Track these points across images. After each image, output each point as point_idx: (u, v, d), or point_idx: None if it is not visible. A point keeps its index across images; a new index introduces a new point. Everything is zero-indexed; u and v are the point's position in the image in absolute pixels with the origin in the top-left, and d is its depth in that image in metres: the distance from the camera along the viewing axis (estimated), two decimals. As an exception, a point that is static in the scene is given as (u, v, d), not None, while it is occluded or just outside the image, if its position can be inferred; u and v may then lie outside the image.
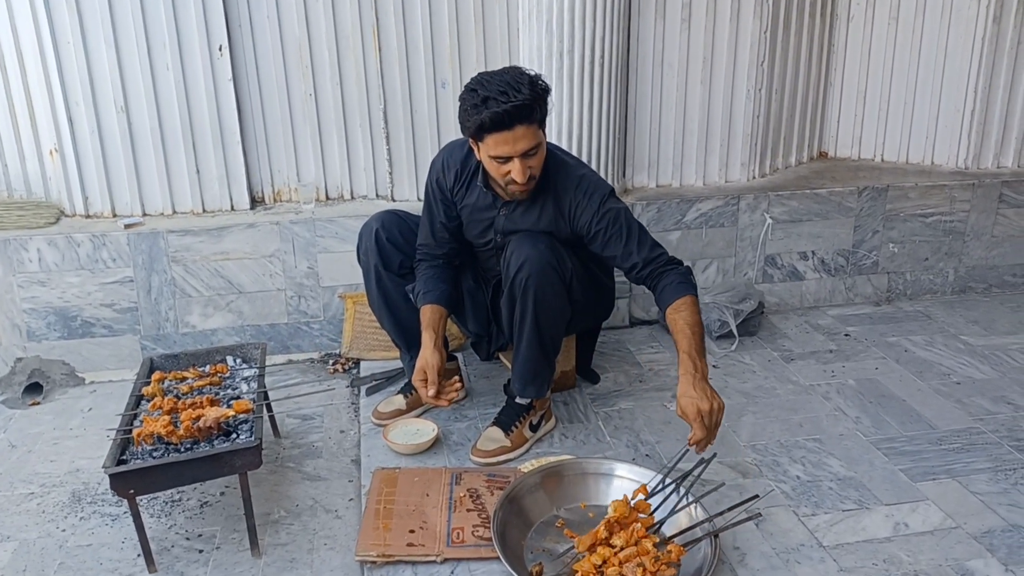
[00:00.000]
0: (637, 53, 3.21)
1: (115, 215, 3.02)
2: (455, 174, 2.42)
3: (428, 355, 2.28)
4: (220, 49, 2.93)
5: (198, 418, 2.05)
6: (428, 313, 2.36)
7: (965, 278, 3.56)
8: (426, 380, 2.26)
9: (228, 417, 2.07)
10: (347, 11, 3.00)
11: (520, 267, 2.24)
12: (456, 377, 2.37)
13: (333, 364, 3.06)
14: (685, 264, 2.31)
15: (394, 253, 2.50)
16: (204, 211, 3.08)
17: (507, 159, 2.14)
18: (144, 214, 3.04)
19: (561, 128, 3.03)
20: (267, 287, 3.03)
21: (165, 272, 2.94)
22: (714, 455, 2.15)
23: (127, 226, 2.92)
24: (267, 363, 3.00)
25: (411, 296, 2.48)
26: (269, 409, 2.54)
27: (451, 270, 2.51)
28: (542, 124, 2.15)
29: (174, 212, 3.06)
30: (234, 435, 2.05)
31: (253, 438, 1.98)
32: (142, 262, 2.92)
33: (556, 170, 2.33)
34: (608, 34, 2.97)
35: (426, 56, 3.05)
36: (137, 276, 2.93)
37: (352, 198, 3.24)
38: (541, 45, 2.97)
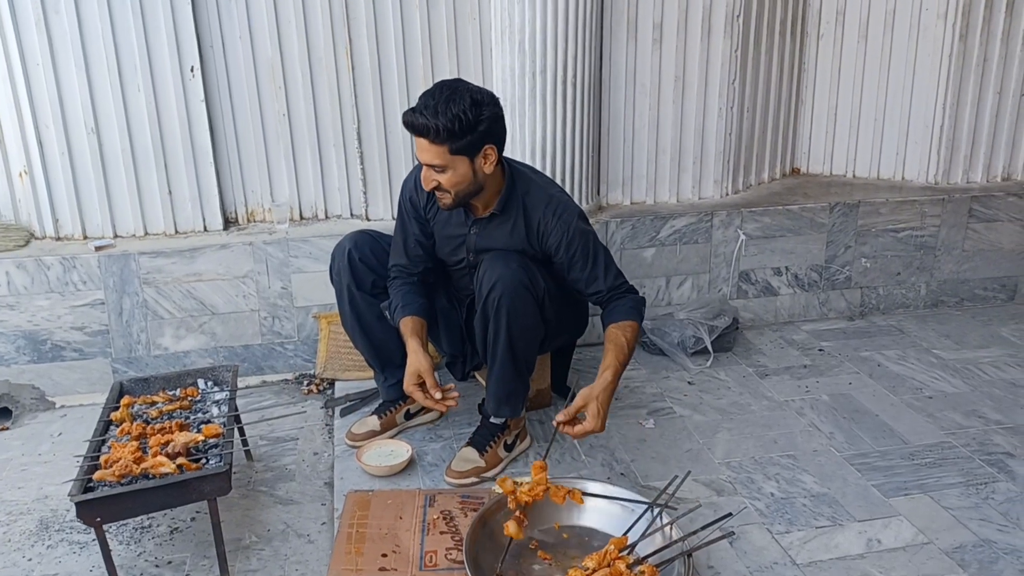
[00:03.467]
0: (610, 73, 3.23)
1: (86, 237, 2.99)
2: (428, 192, 2.42)
3: (419, 359, 2.27)
4: (192, 70, 2.92)
5: (167, 443, 2.02)
6: (410, 323, 2.35)
7: (937, 292, 3.60)
8: (422, 384, 2.24)
9: (197, 442, 2.04)
10: (319, 31, 3.00)
11: (492, 286, 2.24)
12: (451, 384, 2.33)
13: (308, 385, 3.04)
14: (642, 295, 2.41)
15: (367, 273, 2.50)
16: (176, 232, 3.06)
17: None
18: (115, 236, 3.01)
19: (535, 147, 3.05)
20: (240, 308, 3.01)
21: (137, 294, 2.91)
22: (688, 473, 2.16)
23: (98, 248, 2.90)
24: (241, 385, 2.99)
25: (386, 313, 2.47)
26: (242, 432, 2.52)
27: (426, 288, 2.51)
28: (463, 152, 2.13)
29: (146, 233, 3.04)
30: (204, 460, 2.03)
31: (222, 463, 1.95)
32: (113, 284, 2.89)
33: (526, 190, 2.35)
34: (580, 54, 2.99)
35: (399, 76, 3.06)
36: (108, 298, 2.90)
37: (326, 218, 3.22)
38: (514, 65, 2.99)
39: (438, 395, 2.24)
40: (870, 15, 3.57)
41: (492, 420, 2.44)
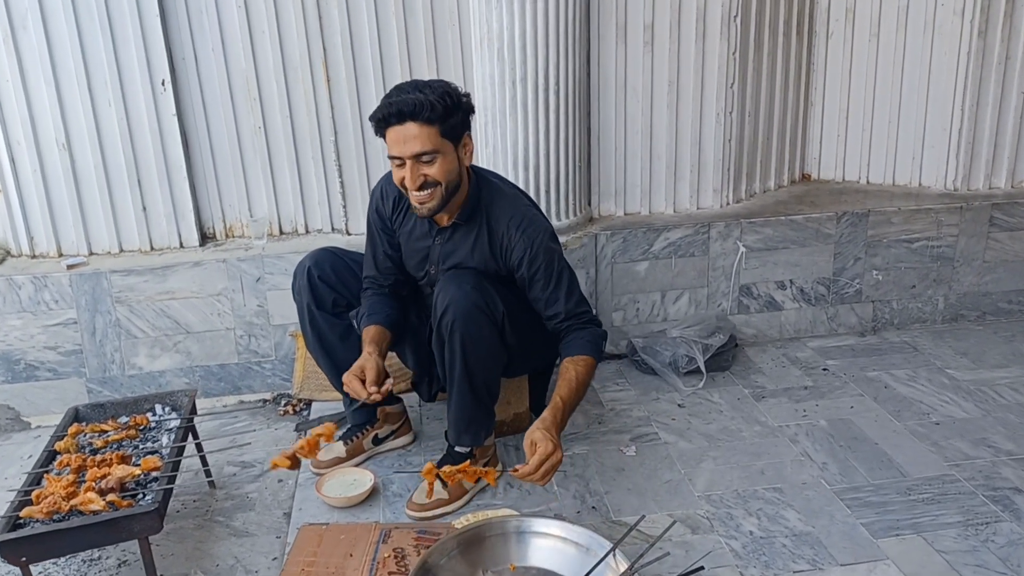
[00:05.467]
0: (598, 78, 3.09)
1: (61, 255, 2.95)
2: (393, 201, 2.34)
3: (369, 358, 2.13)
4: (163, 83, 2.86)
5: (104, 477, 1.95)
6: (371, 332, 2.24)
7: (956, 306, 3.38)
8: (363, 380, 2.10)
9: (135, 476, 1.96)
10: (294, 42, 2.91)
11: (445, 310, 2.13)
12: (391, 379, 2.18)
13: (284, 405, 2.95)
14: (604, 329, 2.28)
15: (327, 292, 2.40)
16: (152, 249, 3.00)
17: (402, 163, 2.06)
18: (91, 253, 2.97)
19: (517, 158, 2.92)
20: (215, 327, 2.94)
21: (109, 313, 2.86)
22: (642, 517, 2.01)
23: (69, 266, 2.85)
24: (217, 405, 2.94)
25: (354, 322, 2.38)
26: (204, 462, 2.44)
27: (398, 300, 2.40)
28: (450, 136, 2.06)
29: (121, 251, 2.99)
30: (141, 495, 1.95)
31: (152, 501, 1.87)
32: (85, 303, 2.84)
33: (492, 200, 2.24)
34: (564, 60, 2.86)
35: (377, 86, 2.95)
36: (81, 318, 2.85)
37: (307, 232, 3.14)
38: (493, 73, 2.86)
39: (372, 389, 2.08)
40: (882, 12, 3.36)
41: (457, 449, 2.33)
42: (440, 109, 2.01)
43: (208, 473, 2.47)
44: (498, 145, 2.94)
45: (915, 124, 3.41)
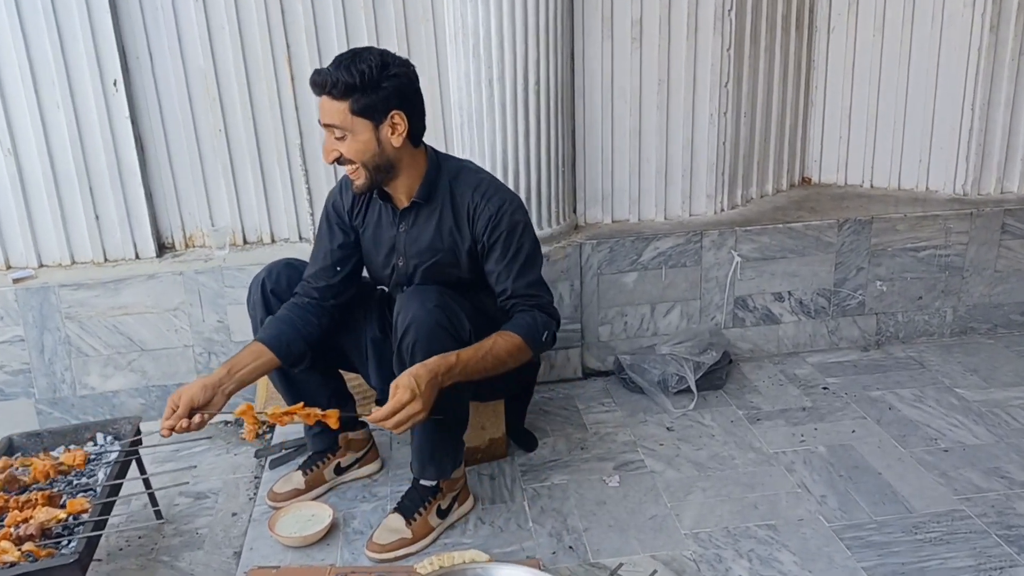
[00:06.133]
0: (583, 76, 2.89)
1: (9, 267, 2.76)
2: (353, 194, 2.15)
3: (191, 387, 1.88)
4: (115, 84, 2.66)
5: (25, 521, 1.76)
6: (243, 351, 2.03)
7: (965, 318, 3.17)
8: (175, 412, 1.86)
9: (59, 521, 1.78)
10: (256, 38, 2.72)
11: (406, 330, 1.94)
12: (203, 415, 1.89)
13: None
14: (556, 319, 2.09)
15: (278, 305, 2.20)
16: (106, 260, 2.82)
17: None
18: (40, 265, 2.78)
19: (496, 162, 2.72)
20: (172, 344, 2.76)
21: (59, 330, 2.67)
22: (620, 565, 1.82)
23: (15, 280, 2.67)
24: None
25: None
26: (153, 500, 2.25)
27: (316, 312, 2.14)
28: (365, 114, 1.92)
29: (73, 262, 2.80)
30: (67, 542, 1.76)
31: (74, 551, 1.68)
32: (33, 320, 2.66)
33: (456, 175, 2.11)
34: (546, 57, 2.66)
35: (345, 86, 2.76)
36: (28, 335, 2.67)
37: (272, 241, 2.95)
38: (468, 71, 2.67)
39: (165, 425, 1.84)
40: (887, 5, 3.15)
41: (422, 482, 2.14)
42: (343, 88, 1.89)
43: (156, 505, 2.28)
44: (475, 148, 2.74)
45: (922, 124, 3.21)
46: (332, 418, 1.89)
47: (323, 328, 2.15)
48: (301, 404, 1.91)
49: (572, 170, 2.97)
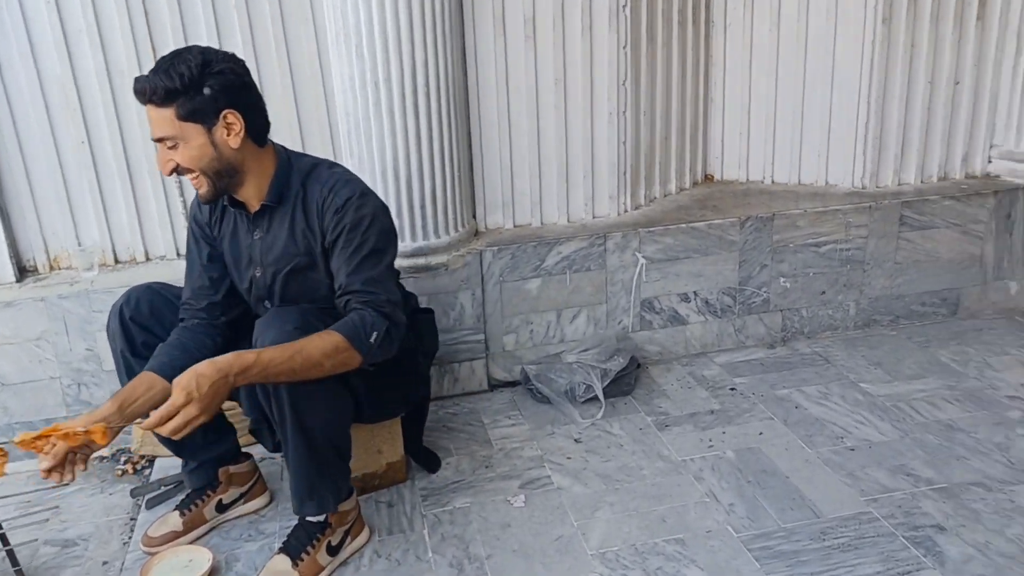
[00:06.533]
0: (476, 77, 2.77)
1: None
2: (210, 204, 2.00)
3: (72, 424, 1.68)
4: (-42, 94, 2.42)
5: None
6: (133, 383, 1.84)
7: (868, 311, 3.18)
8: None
9: None
10: (118, 42, 2.51)
11: (263, 358, 1.78)
12: (82, 463, 1.71)
13: (124, 463, 2.55)
14: (394, 321, 1.86)
15: (139, 333, 2.00)
16: (-42, 287, 2.56)
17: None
18: None
19: (385, 170, 2.58)
20: (37, 376, 2.53)
21: (-97, 367, 2.42)
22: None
23: None
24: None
25: None
26: (11, 559, 2.03)
27: (209, 332, 2.00)
28: (195, 118, 1.77)
29: (-80, 291, 2.54)
30: None
31: None
32: None
33: (309, 172, 1.96)
34: (435, 57, 2.53)
35: (219, 91, 2.57)
36: None
37: (147, 260, 2.74)
38: (353, 73, 2.52)
39: (44, 465, 1.63)
40: (782, 1, 3.12)
41: (307, 519, 1.98)
42: (164, 94, 1.74)
43: (14, 561, 2.06)
44: (363, 155, 2.60)
45: (820, 119, 3.20)
46: (98, 434, 1.67)
47: (219, 347, 1.97)
48: (55, 425, 1.67)
49: (470, 175, 2.85)
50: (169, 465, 2.48)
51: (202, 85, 1.74)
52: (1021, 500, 2.14)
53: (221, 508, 2.20)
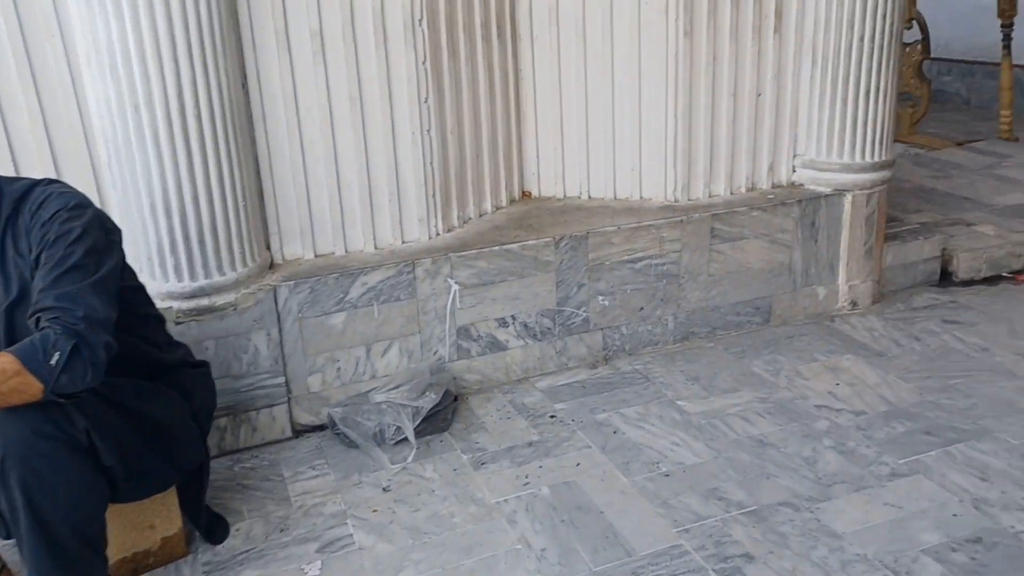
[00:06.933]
0: (260, 97, 2.53)
1: None
2: None
3: None
4: None
5: None
6: None
7: (686, 324, 3.18)
8: None
9: None
10: None
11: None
12: None
13: None
14: (85, 340, 1.56)
15: None
16: None
17: None
18: None
19: (155, 202, 2.30)
20: None
21: None
22: None
23: None
24: None
25: None
26: None
27: None
28: None
29: None
30: None
31: None
32: None
33: (21, 197, 1.70)
34: (204, 76, 2.28)
35: (-54, 118, 2.22)
36: None
37: None
38: (109, 95, 2.23)
39: None
40: (586, 12, 3.06)
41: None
42: None
43: None
44: (127, 184, 2.31)
45: (631, 134, 3.17)
46: None
47: None
48: None
49: (260, 203, 2.61)
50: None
51: None
52: (825, 519, 2.14)
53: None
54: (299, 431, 2.66)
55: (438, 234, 2.91)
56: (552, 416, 2.71)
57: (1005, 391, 2.70)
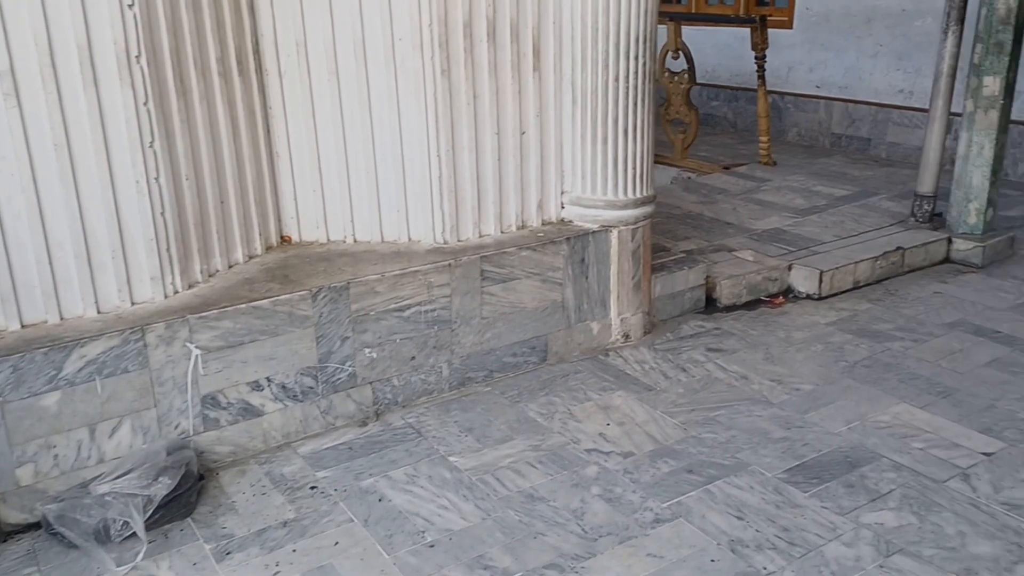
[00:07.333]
0: (-66, 146, 2.14)
1: None
2: None
3: None
4: None
5: None
6: None
7: (462, 370, 3.06)
8: None
9: None
10: None
11: None
12: None
13: None
14: None
15: None
16: None
17: None
18: None
19: None
20: None
21: None
22: None
23: None
24: None
25: None
26: None
27: None
28: None
29: None
30: None
31: None
32: None
33: None
34: None
35: None
36: None
37: None
38: None
39: None
40: (336, 46, 2.88)
41: None
42: None
43: None
44: None
45: (394, 173, 3.02)
46: None
47: None
48: None
49: (-57, 270, 2.21)
50: None
51: None
52: (589, 579, 2.08)
53: None
54: (8, 532, 2.27)
55: (176, 292, 2.61)
56: (312, 487, 2.49)
57: (761, 420, 2.79)
